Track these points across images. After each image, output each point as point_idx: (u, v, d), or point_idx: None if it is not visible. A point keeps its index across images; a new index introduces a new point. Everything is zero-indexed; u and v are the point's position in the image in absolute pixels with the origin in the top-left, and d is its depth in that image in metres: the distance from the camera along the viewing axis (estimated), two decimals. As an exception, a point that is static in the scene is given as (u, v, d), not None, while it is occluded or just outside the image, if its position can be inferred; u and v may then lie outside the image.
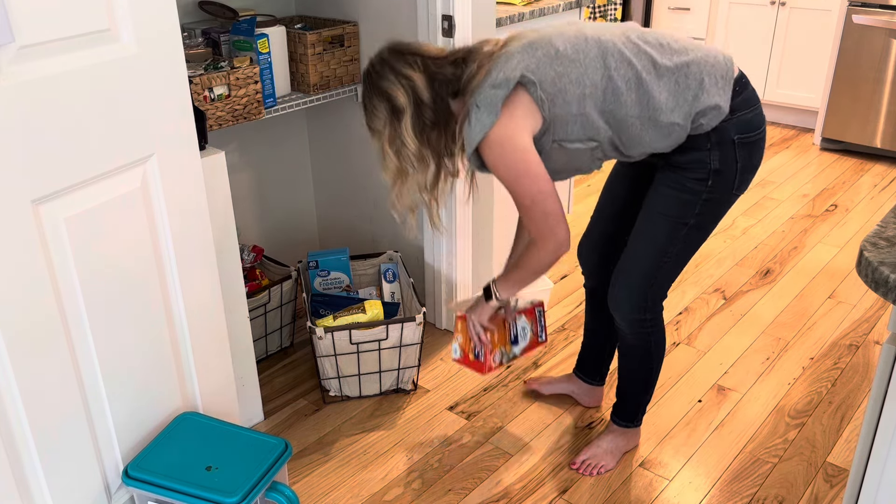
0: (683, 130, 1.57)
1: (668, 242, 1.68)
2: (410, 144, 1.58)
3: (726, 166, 1.60)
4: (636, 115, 1.55)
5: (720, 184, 1.62)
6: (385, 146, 1.61)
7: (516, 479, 1.91)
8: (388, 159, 1.62)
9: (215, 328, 1.65)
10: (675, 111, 1.54)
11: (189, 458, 1.46)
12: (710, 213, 1.67)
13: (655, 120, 1.55)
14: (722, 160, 1.59)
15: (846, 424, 2.07)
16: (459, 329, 1.85)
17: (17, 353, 1.22)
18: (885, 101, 3.84)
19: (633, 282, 1.75)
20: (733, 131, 1.58)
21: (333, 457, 1.98)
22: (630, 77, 1.53)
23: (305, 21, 2.42)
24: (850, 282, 2.79)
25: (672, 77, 1.54)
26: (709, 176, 1.61)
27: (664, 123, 1.55)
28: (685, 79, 1.54)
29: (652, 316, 1.78)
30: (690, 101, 1.54)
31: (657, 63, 1.54)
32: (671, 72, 1.54)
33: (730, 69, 1.59)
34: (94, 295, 1.34)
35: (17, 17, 1.14)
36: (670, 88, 1.54)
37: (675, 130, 1.56)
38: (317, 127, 2.63)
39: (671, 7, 4.60)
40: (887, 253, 0.98)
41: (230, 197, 1.79)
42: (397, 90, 1.56)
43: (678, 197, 1.64)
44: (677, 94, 1.54)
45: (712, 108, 1.55)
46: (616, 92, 1.53)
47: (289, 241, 2.73)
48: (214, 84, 1.97)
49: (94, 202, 1.32)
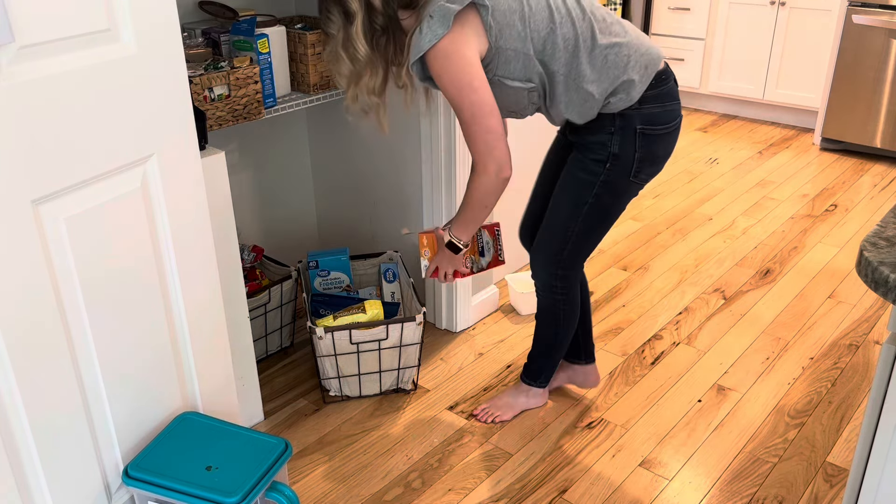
0: (597, 104, 1.67)
1: (569, 219, 1.81)
2: (360, 48, 1.65)
3: (624, 152, 1.71)
4: (563, 74, 1.64)
5: (617, 168, 1.72)
6: (339, 49, 1.68)
7: (516, 479, 1.91)
8: (342, 63, 1.69)
9: (215, 328, 1.65)
10: (595, 83, 1.65)
11: (189, 458, 1.46)
12: (608, 196, 1.77)
13: (577, 85, 1.65)
14: (621, 146, 1.70)
15: (846, 424, 2.07)
16: (426, 244, 1.92)
17: (17, 354, 1.22)
18: (885, 101, 3.84)
19: (544, 252, 1.89)
20: (638, 121, 1.69)
21: (333, 457, 1.98)
22: (569, 38, 1.62)
23: (305, 21, 2.41)
24: (850, 282, 2.79)
25: (602, 52, 1.64)
26: (608, 159, 1.72)
27: (582, 91, 1.65)
28: (614, 57, 1.64)
29: (563, 284, 1.91)
30: (611, 79, 1.65)
31: (595, 35, 1.63)
32: (603, 47, 1.64)
33: (656, 62, 1.69)
34: (95, 295, 1.34)
35: (17, 17, 1.14)
36: (597, 63, 1.64)
37: (589, 100, 1.66)
38: (317, 127, 2.63)
39: (671, 7, 4.60)
40: (887, 253, 0.98)
41: (230, 197, 1.79)
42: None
43: (578, 176, 1.77)
44: (602, 69, 1.64)
45: (624, 90, 1.66)
46: (554, 46, 1.62)
47: (289, 241, 2.73)
48: (214, 84, 1.97)
49: (94, 202, 1.31)
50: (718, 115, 4.74)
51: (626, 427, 2.08)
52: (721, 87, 4.59)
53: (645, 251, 3.06)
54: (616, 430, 2.07)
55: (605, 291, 2.77)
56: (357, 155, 2.54)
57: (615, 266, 2.95)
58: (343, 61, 1.69)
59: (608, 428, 2.08)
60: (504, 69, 1.63)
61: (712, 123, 4.60)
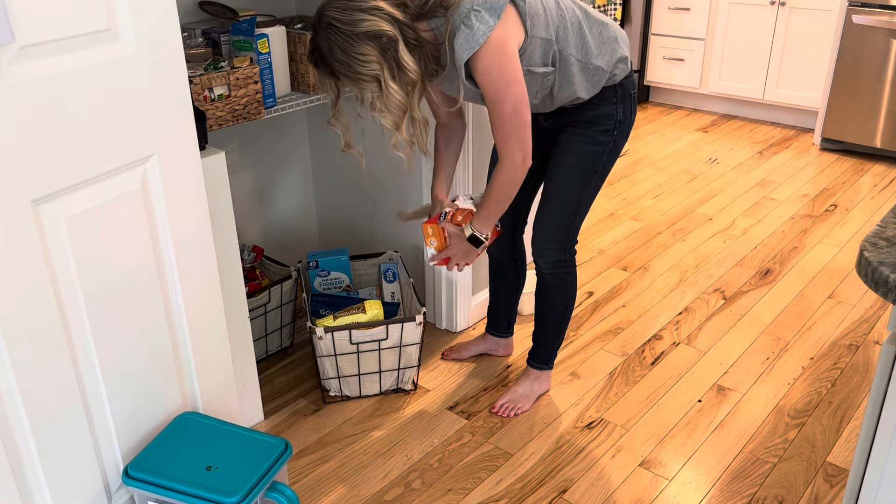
0: (604, 76, 1.78)
1: (581, 190, 1.91)
2: (412, 66, 1.57)
3: (626, 117, 1.86)
4: (576, 55, 1.72)
5: (620, 132, 1.87)
6: (387, 83, 1.57)
7: (516, 479, 1.91)
8: (392, 95, 1.59)
9: (215, 328, 1.65)
10: (600, 57, 1.75)
11: (189, 458, 1.46)
12: (611, 161, 1.91)
13: (587, 63, 1.74)
14: (624, 112, 1.85)
15: (846, 424, 2.07)
16: (431, 234, 1.93)
17: (17, 353, 1.22)
18: (885, 101, 3.84)
19: (552, 230, 1.95)
20: (630, 87, 1.86)
21: (333, 457, 1.98)
22: (574, 20, 1.71)
23: (305, 21, 2.41)
24: (849, 282, 2.79)
25: (597, 28, 1.76)
26: (615, 127, 1.85)
27: (592, 67, 1.75)
28: (607, 32, 1.77)
29: (570, 258, 2.01)
30: (611, 51, 1.77)
31: (588, 15, 1.75)
32: (596, 24, 1.76)
33: (626, 38, 1.85)
34: (94, 295, 1.35)
35: (17, 17, 1.14)
36: (596, 37, 1.75)
37: (598, 74, 1.77)
38: (317, 127, 2.63)
39: (671, 7, 4.60)
40: (887, 253, 0.98)
41: (230, 197, 1.79)
42: (380, 23, 1.54)
43: (585, 150, 1.86)
44: (601, 43, 1.76)
45: (623, 59, 1.80)
46: (566, 31, 1.69)
47: (289, 241, 2.73)
48: (214, 84, 1.97)
49: (94, 202, 1.32)
50: (718, 115, 4.74)
51: (626, 427, 2.08)
52: (721, 87, 4.59)
53: (645, 251, 3.06)
54: (616, 430, 2.07)
55: (605, 291, 2.77)
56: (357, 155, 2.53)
57: (615, 266, 2.95)
58: (393, 92, 1.59)
59: (608, 428, 2.08)
60: (531, 58, 1.67)
61: (712, 123, 4.60)
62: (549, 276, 2.03)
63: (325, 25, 1.56)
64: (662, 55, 4.74)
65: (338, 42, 1.55)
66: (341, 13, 1.54)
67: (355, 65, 1.56)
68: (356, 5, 1.54)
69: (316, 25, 1.59)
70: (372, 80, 1.58)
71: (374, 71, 1.57)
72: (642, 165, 3.96)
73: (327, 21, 1.55)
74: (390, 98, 1.59)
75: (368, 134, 2.46)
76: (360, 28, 1.54)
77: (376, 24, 1.53)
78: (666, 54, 4.72)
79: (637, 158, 4.07)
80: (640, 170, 3.91)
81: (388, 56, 1.56)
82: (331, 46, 1.57)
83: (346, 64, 1.57)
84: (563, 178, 1.91)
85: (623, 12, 4.70)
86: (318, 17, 1.59)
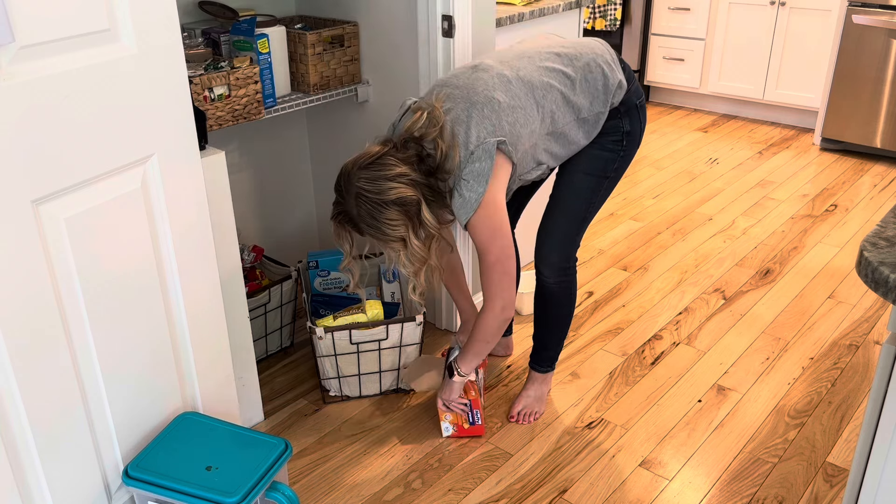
0: (603, 115, 1.84)
1: (591, 196, 1.94)
2: (432, 222, 1.70)
3: (634, 127, 1.90)
4: (570, 121, 1.80)
5: (631, 142, 1.92)
6: (412, 242, 1.69)
7: (516, 479, 1.91)
8: (415, 251, 1.70)
9: (215, 328, 1.65)
10: (594, 103, 1.81)
11: (189, 458, 1.46)
12: (622, 167, 1.95)
13: (584, 119, 1.81)
14: (631, 123, 1.89)
15: (846, 424, 2.07)
16: (446, 409, 2.02)
17: (17, 353, 1.22)
18: (885, 101, 3.84)
19: (561, 235, 1.97)
20: (634, 98, 1.88)
21: (333, 457, 1.98)
22: (556, 98, 1.76)
23: (305, 21, 2.41)
24: (850, 282, 2.79)
25: (582, 79, 1.79)
26: (623, 137, 1.89)
27: (590, 117, 1.82)
28: (591, 75, 1.80)
29: (573, 264, 2.03)
30: (602, 90, 1.81)
31: (569, 75, 1.78)
32: (581, 76, 1.79)
33: (612, 52, 1.88)
34: (94, 295, 1.35)
35: (17, 17, 1.14)
36: (584, 90, 1.79)
37: (600, 117, 1.83)
38: (317, 127, 2.63)
39: (671, 7, 4.60)
40: (887, 253, 0.98)
41: (230, 197, 1.79)
42: (405, 190, 1.65)
43: (600, 156, 1.90)
44: (591, 91, 1.80)
45: (618, 87, 1.83)
46: (552, 115, 1.77)
47: (289, 241, 2.73)
48: (214, 84, 1.97)
49: (94, 202, 1.32)
50: (718, 115, 4.74)
51: (626, 427, 2.08)
52: (721, 87, 4.59)
53: (645, 251, 3.06)
54: (616, 430, 2.07)
55: (605, 291, 2.77)
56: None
57: (615, 266, 2.95)
58: (415, 248, 1.70)
59: (608, 428, 2.08)
60: (522, 169, 1.80)
61: (712, 123, 4.60)
62: (553, 284, 2.02)
63: (353, 194, 1.66)
64: (662, 55, 4.73)
65: (366, 209, 1.66)
66: (370, 183, 1.65)
67: (384, 228, 1.67)
68: (384, 175, 1.64)
69: (343, 192, 1.69)
70: (398, 241, 1.70)
71: (401, 233, 1.68)
72: (642, 165, 3.96)
73: (356, 190, 1.66)
74: (413, 254, 1.71)
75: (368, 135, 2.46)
76: (389, 196, 1.64)
77: (402, 191, 1.65)
78: (666, 54, 4.72)
79: (637, 158, 4.07)
80: (640, 170, 3.91)
81: (412, 216, 1.68)
82: (360, 212, 1.68)
83: (375, 227, 1.68)
84: (572, 184, 1.93)
85: (623, 12, 4.70)
86: (345, 183, 1.68)
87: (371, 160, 1.67)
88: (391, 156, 1.67)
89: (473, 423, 2.02)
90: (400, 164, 1.66)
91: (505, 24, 2.37)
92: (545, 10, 2.52)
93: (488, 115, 1.68)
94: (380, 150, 1.68)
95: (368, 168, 1.66)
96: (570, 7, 2.62)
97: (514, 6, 2.52)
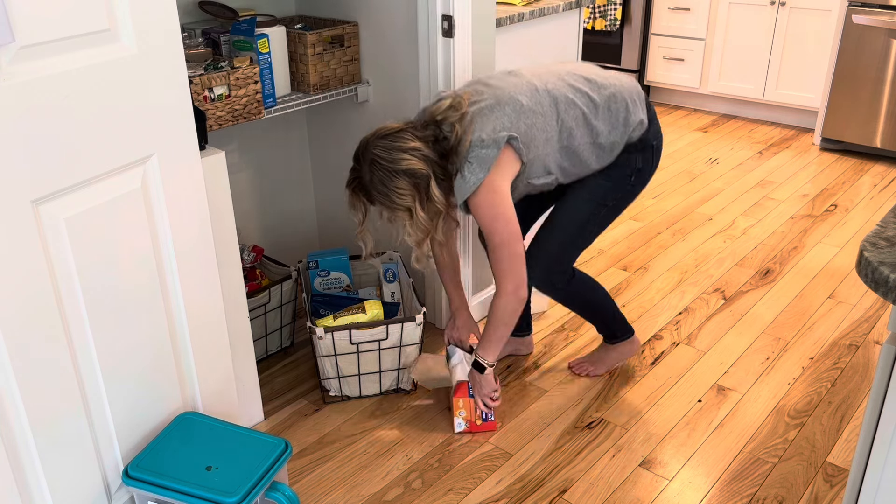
0: (619, 146, 1.91)
1: (586, 220, 2.00)
2: (440, 199, 1.78)
3: (645, 166, 1.97)
4: (587, 143, 1.87)
5: (640, 179, 1.98)
6: (417, 213, 1.78)
7: (516, 479, 1.91)
8: (418, 222, 1.79)
9: (215, 328, 1.65)
10: (612, 133, 1.88)
11: (189, 458, 1.46)
12: (625, 201, 2.02)
13: (600, 144, 1.88)
14: (644, 161, 1.95)
15: (846, 424, 2.07)
16: (462, 406, 2.03)
17: (17, 353, 1.23)
18: (885, 101, 3.84)
19: (546, 251, 2.01)
20: (652, 138, 1.96)
21: (333, 457, 1.98)
22: (577, 115, 1.84)
23: (305, 21, 2.42)
24: (850, 282, 2.79)
25: (605, 107, 1.87)
26: (633, 173, 1.96)
27: (606, 144, 1.89)
28: (615, 105, 1.88)
29: (560, 281, 2.07)
30: (622, 122, 1.88)
31: (593, 99, 1.86)
32: (604, 103, 1.87)
33: (640, 91, 1.96)
34: (94, 295, 1.35)
35: (17, 17, 1.14)
36: (605, 117, 1.87)
37: (615, 147, 1.90)
38: (317, 127, 2.63)
39: (671, 7, 4.60)
40: (887, 253, 0.98)
41: (230, 197, 1.79)
42: (416, 163, 1.75)
43: (604, 184, 1.96)
44: (611, 120, 1.87)
45: (638, 124, 1.91)
46: (569, 130, 1.84)
47: (289, 241, 2.73)
48: (214, 84, 1.97)
49: (94, 202, 1.32)
50: (718, 115, 4.74)
51: (626, 427, 2.08)
52: (721, 87, 4.59)
53: (645, 251, 3.06)
54: (616, 430, 2.07)
55: (605, 291, 2.77)
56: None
57: (615, 266, 2.95)
58: (420, 220, 1.79)
59: (608, 428, 2.08)
60: (530, 174, 1.85)
61: (712, 123, 4.60)
62: (552, 293, 2.09)
63: (368, 160, 1.77)
64: (662, 55, 4.73)
65: (379, 176, 1.76)
66: (385, 152, 1.75)
67: (393, 196, 1.77)
68: (398, 146, 1.75)
69: (360, 158, 1.80)
70: (405, 210, 1.79)
71: (408, 203, 1.77)
72: (642, 165, 3.96)
73: (371, 157, 1.76)
74: (418, 224, 1.80)
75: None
76: (401, 166, 1.74)
77: (414, 163, 1.74)
78: (666, 54, 4.72)
79: (637, 158, 4.07)
80: (640, 170, 3.90)
81: (421, 190, 1.76)
82: (372, 179, 1.77)
83: (384, 195, 1.78)
84: (570, 204, 1.99)
85: (623, 12, 4.70)
86: (362, 150, 1.80)
87: (390, 132, 1.78)
88: (409, 132, 1.78)
89: (486, 420, 2.04)
90: (416, 139, 1.76)
91: (505, 24, 2.36)
92: (545, 10, 2.52)
93: (508, 113, 1.77)
94: (400, 126, 1.80)
95: (386, 138, 1.77)
96: (570, 7, 2.62)
97: (514, 6, 2.52)
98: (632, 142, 1.92)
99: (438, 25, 2.09)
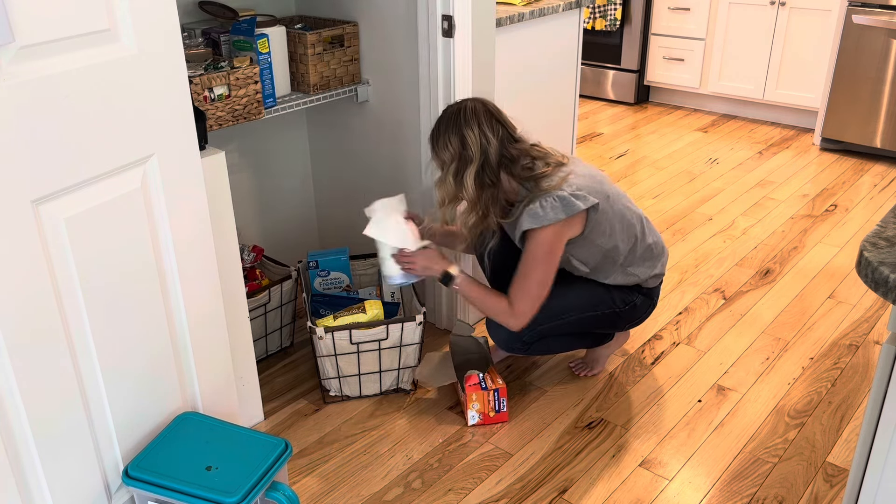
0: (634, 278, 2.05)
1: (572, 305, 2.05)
2: (470, 190, 1.86)
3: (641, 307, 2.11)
4: (619, 263, 2.01)
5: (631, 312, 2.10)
6: (448, 176, 1.88)
7: (516, 479, 1.91)
8: (447, 184, 1.89)
9: (215, 328, 1.65)
10: (638, 269, 2.04)
11: (189, 458, 1.46)
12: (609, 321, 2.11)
13: (626, 269, 2.03)
14: (643, 303, 2.11)
15: (846, 424, 2.07)
16: (475, 399, 2.05)
17: (17, 353, 1.23)
18: (885, 101, 3.84)
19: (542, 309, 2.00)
20: (655, 294, 2.14)
21: (333, 457, 1.99)
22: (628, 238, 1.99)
23: (305, 21, 2.42)
24: (850, 282, 2.79)
25: (647, 246, 2.04)
26: (628, 305, 2.08)
27: (626, 272, 2.03)
28: (657, 248, 2.08)
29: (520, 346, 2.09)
30: (650, 266, 2.07)
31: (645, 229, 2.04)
32: (647, 247, 2.04)
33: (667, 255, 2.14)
34: (95, 295, 1.35)
35: (17, 17, 1.14)
36: (645, 251, 2.04)
37: (630, 279, 2.04)
38: (317, 127, 2.63)
39: (671, 7, 4.60)
40: (887, 253, 0.98)
41: (230, 197, 1.79)
42: (474, 141, 1.84)
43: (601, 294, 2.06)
44: (648, 257, 2.05)
45: (658, 276, 2.10)
46: (616, 243, 1.97)
47: (289, 241, 2.73)
48: (214, 84, 1.97)
49: (94, 202, 1.32)
50: (718, 115, 4.74)
51: (626, 427, 2.08)
52: (721, 87, 4.59)
53: (645, 251, 3.06)
54: (616, 430, 2.07)
55: (605, 291, 2.77)
56: (357, 155, 2.54)
57: (615, 266, 2.95)
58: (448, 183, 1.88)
59: (608, 428, 2.08)
60: (574, 250, 1.95)
61: (712, 123, 4.60)
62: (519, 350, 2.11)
63: (463, 103, 1.90)
64: (662, 55, 4.74)
65: (447, 121, 1.89)
66: (472, 112, 1.86)
67: (442, 140, 1.89)
68: (482, 119, 1.86)
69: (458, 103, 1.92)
70: (440, 162, 1.91)
71: (445, 159, 1.89)
72: (642, 165, 3.96)
73: (465, 105, 1.89)
74: (444, 185, 1.90)
75: (368, 134, 2.47)
76: (463, 130, 1.85)
77: (472, 139, 1.84)
78: (666, 54, 4.72)
79: (637, 158, 4.07)
80: (640, 170, 3.91)
81: (462, 163, 1.86)
82: (447, 113, 1.90)
83: (437, 132, 1.90)
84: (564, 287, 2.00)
85: (623, 12, 4.70)
86: (472, 99, 1.91)
87: (497, 114, 1.89)
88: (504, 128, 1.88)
89: (499, 411, 2.07)
90: (497, 138, 1.85)
91: (505, 24, 2.37)
92: (545, 10, 2.52)
93: (597, 190, 1.89)
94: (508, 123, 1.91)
95: (488, 113, 1.87)
96: (570, 7, 2.62)
97: (514, 6, 2.52)
98: (644, 286, 2.08)
99: (438, 25, 2.09)
